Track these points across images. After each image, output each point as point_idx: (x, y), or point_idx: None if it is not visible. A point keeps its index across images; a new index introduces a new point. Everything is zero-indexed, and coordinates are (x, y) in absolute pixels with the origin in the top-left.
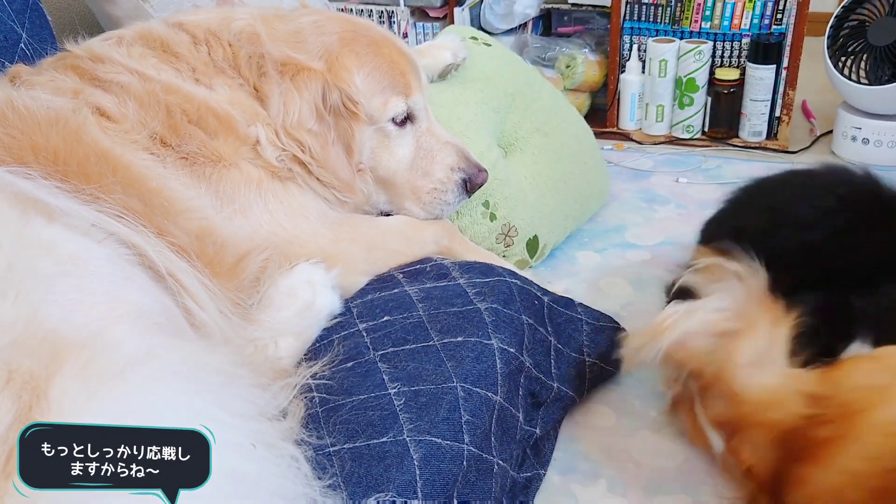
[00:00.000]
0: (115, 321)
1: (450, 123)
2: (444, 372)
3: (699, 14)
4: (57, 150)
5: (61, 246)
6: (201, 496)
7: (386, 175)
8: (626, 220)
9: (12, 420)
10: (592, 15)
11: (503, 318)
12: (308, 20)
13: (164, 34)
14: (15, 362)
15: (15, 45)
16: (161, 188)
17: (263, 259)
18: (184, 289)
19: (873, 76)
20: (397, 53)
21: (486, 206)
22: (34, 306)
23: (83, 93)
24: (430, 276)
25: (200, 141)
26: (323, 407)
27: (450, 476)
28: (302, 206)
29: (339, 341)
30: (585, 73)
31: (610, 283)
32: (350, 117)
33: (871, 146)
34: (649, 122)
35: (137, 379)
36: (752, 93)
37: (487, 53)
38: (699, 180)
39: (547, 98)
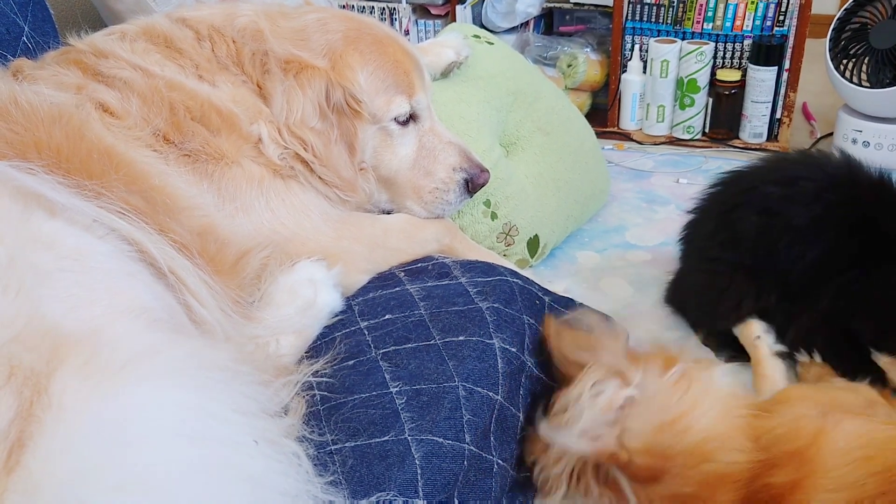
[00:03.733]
0: (116, 317)
1: (452, 122)
2: (445, 371)
3: (701, 15)
4: (60, 146)
5: (63, 241)
6: (205, 494)
7: (388, 174)
8: (627, 221)
9: (13, 416)
10: (594, 14)
11: (504, 318)
12: (312, 18)
13: (168, 30)
14: (16, 358)
15: (17, 39)
16: (163, 185)
17: (264, 257)
18: (185, 286)
19: (874, 79)
20: (401, 52)
21: (487, 205)
22: (36, 302)
23: (86, 88)
24: (432, 274)
25: (203, 138)
26: (324, 405)
27: (451, 475)
28: (304, 204)
29: (341, 339)
30: (587, 73)
31: (610, 284)
32: (353, 116)
33: (872, 149)
34: (650, 122)
35: (139, 376)
36: (753, 94)
37: (490, 52)
38: (700, 181)
39: (549, 97)
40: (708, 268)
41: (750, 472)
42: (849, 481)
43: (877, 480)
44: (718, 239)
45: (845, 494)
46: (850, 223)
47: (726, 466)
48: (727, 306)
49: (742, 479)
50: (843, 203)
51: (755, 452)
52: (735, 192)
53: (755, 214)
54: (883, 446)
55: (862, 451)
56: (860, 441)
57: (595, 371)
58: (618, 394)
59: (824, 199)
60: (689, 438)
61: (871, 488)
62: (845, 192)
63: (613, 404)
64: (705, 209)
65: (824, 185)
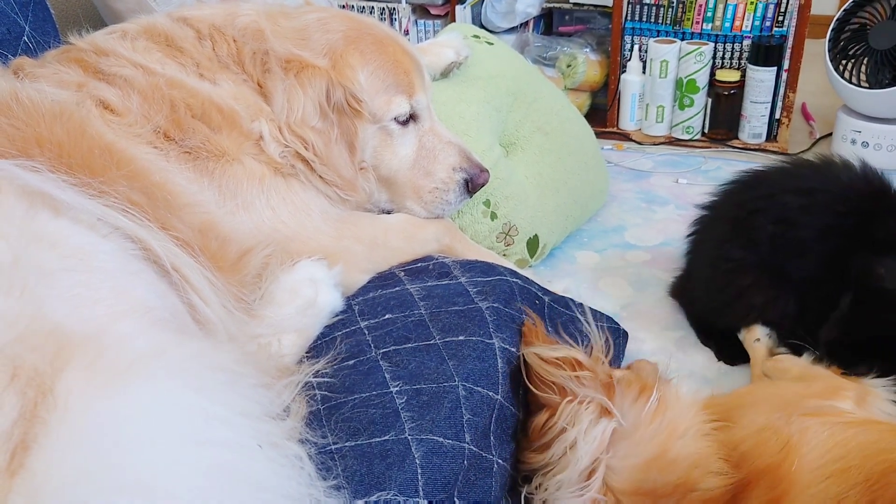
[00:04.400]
0: (120, 317)
1: (451, 122)
2: (445, 371)
3: (700, 15)
4: (61, 143)
5: (67, 240)
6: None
7: (388, 174)
8: (626, 221)
9: (17, 416)
10: (594, 15)
11: (504, 318)
12: (313, 17)
13: (169, 29)
14: (20, 358)
15: (18, 38)
16: (164, 182)
17: (266, 255)
18: (189, 284)
19: (874, 79)
20: (401, 52)
21: (486, 205)
22: (40, 301)
23: (87, 86)
24: (432, 274)
25: (204, 135)
26: (325, 405)
27: (451, 475)
28: (304, 202)
29: (341, 339)
30: (586, 73)
31: (609, 284)
32: (353, 115)
33: (871, 149)
34: (649, 122)
35: (144, 377)
36: (752, 95)
37: (489, 52)
38: (699, 181)
39: (548, 97)
40: (723, 267)
41: (728, 494)
42: (830, 495)
43: (859, 491)
44: (735, 241)
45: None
46: (867, 235)
47: (707, 493)
48: (740, 307)
49: (722, 502)
50: (854, 213)
51: (730, 473)
52: (753, 196)
53: (772, 223)
54: (858, 454)
55: (837, 463)
56: (834, 453)
57: (576, 406)
58: (606, 431)
59: (838, 211)
60: (676, 471)
61: (854, 499)
62: (861, 204)
63: (603, 444)
64: (721, 208)
65: (840, 197)
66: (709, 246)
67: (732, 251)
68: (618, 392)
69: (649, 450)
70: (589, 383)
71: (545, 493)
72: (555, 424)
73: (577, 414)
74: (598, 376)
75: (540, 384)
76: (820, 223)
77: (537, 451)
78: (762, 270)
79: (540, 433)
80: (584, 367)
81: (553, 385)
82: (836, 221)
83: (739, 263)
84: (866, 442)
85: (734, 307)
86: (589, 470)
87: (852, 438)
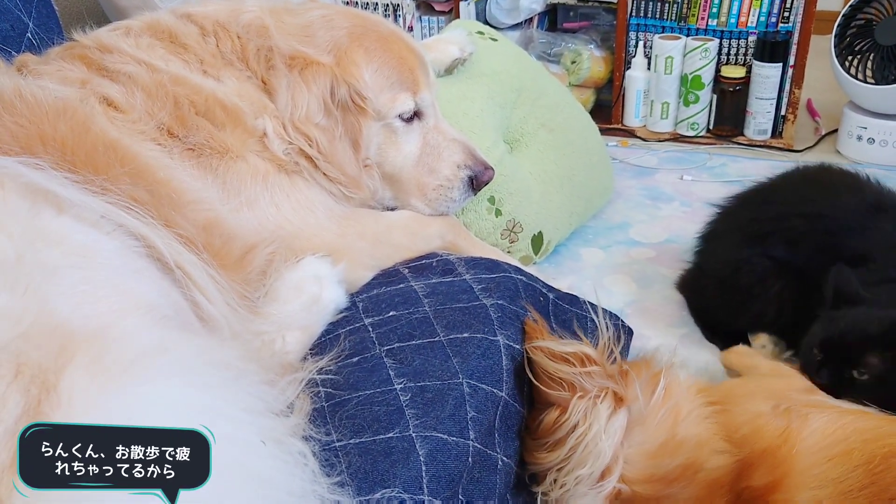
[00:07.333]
0: (124, 314)
1: (456, 118)
2: (449, 368)
3: (706, 11)
4: (65, 140)
5: (71, 238)
6: (213, 495)
7: (392, 171)
8: (631, 218)
9: (21, 413)
10: (598, 11)
11: (509, 314)
12: (317, 14)
13: (173, 25)
14: (24, 355)
15: (22, 35)
16: (168, 179)
17: (270, 252)
18: (192, 281)
19: (880, 75)
20: (406, 49)
21: (491, 201)
22: (43, 299)
23: (91, 83)
24: (436, 271)
25: (207, 132)
26: (329, 402)
27: (455, 472)
28: (308, 199)
29: (345, 336)
30: (591, 69)
31: (614, 281)
32: (358, 112)
33: (877, 146)
34: (654, 118)
35: (148, 374)
36: (757, 91)
37: (494, 48)
38: (704, 178)
39: (553, 94)
40: (742, 268)
41: (732, 473)
42: (832, 477)
43: (860, 473)
44: (752, 246)
45: (830, 490)
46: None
47: (713, 472)
48: (753, 312)
49: (727, 482)
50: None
51: (733, 452)
52: (765, 215)
53: (783, 244)
54: (859, 438)
55: (840, 445)
56: (836, 436)
57: (588, 402)
58: (623, 421)
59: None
60: (684, 452)
61: (856, 481)
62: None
63: (621, 435)
64: (739, 211)
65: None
66: (724, 245)
67: (750, 254)
68: (632, 379)
69: (660, 434)
70: (598, 378)
71: (561, 490)
72: (566, 421)
73: (591, 409)
74: (606, 371)
75: (547, 381)
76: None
77: (547, 449)
78: (787, 279)
79: (550, 430)
80: (594, 362)
81: (562, 382)
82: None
83: (763, 270)
84: (865, 427)
85: (748, 312)
86: (609, 463)
87: (851, 424)
